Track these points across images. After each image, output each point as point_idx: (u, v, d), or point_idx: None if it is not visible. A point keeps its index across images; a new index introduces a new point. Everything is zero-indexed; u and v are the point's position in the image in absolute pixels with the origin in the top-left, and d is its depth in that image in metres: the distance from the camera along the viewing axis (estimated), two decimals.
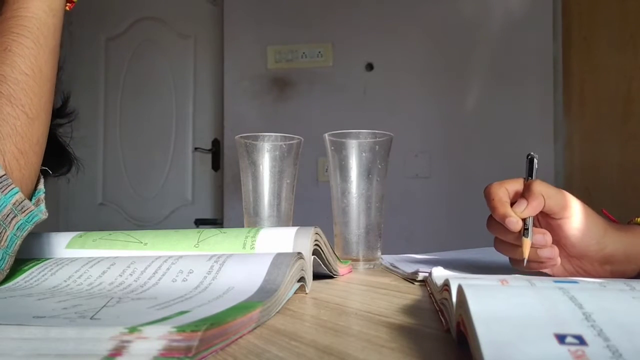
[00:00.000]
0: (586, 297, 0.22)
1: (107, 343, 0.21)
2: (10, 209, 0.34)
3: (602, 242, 0.44)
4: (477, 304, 0.21)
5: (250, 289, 0.34)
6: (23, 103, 0.39)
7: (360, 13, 2.15)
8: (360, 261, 0.66)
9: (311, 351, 0.25)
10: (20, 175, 0.36)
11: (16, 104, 0.38)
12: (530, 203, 0.43)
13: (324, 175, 2.07)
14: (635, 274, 0.45)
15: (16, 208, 0.35)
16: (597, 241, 0.44)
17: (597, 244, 0.44)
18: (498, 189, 0.46)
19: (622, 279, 0.44)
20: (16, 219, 0.35)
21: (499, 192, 0.45)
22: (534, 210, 0.43)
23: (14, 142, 0.37)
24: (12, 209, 0.34)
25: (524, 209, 0.43)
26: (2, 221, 0.34)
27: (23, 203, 0.35)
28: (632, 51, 1.51)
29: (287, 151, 0.69)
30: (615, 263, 0.45)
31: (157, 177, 2.45)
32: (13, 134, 0.37)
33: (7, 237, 0.34)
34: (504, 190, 0.46)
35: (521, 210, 0.43)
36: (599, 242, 0.44)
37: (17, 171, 0.36)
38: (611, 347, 0.18)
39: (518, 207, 0.44)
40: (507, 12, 2.05)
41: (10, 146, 0.36)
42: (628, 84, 1.54)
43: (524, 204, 0.44)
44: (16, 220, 0.35)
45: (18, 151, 0.37)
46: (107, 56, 2.51)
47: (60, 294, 0.32)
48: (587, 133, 1.82)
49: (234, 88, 2.24)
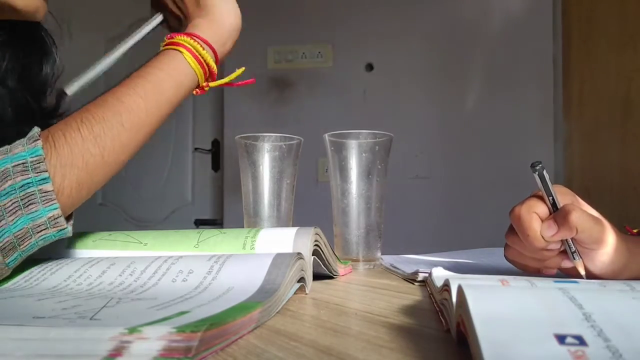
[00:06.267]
0: (586, 297, 0.22)
1: (107, 343, 0.21)
2: (44, 220, 0.36)
3: (620, 273, 0.44)
4: (477, 304, 0.21)
5: (250, 289, 0.34)
6: (105, 146, 0.41)
7: (360, 13, 2.15)
8: (360, 261, 0.66)
9: (311, 351, 0.25)
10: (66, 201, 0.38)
11: (99, 144, 0.40)
12: (561, 231, 0.41)
13: (324, 176, 2.07)
14: None
15: (50, 222, 0.36)
16: (613, 270, 0.43)
17: (613, 272, 0.44)
18: (531, 220, 0.42)
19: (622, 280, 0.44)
20: (45, 231, 0.36)
21: (533, 225, 0.42)
22: (561, 238, 0.42)
23: (78, 174, 0.38)
24: (46, 221, 0.36)
25: (552, 235, 0.42)
26: (32, 229, 0.35)
27: (58, 219, 0.37)
28: (632, 52, 1.51)
29: (287, 151, 0.69)
30: (629, 272, 0.44)
31: (157, 177, 2.45)
32: (82, 168, 0.39)
33: (29, 244, 0.36)
34: (537, 219, 0.43)
35: (548, 236, 0.42)
36: (615, 271, 0.43)
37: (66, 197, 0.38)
38: (611, 347, 0.18)
39: (546, 232, 0.42)
40: (507, 12, 2.05)
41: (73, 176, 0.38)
42: (628, 84, 1.54)
43: (553, 230, 0.42)
44: (45, 232, 0.36)
45: (77, 183, 0.38)
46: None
47: (60, 294, 0.32)
48: (587, 133, 1.82)
49: (234, 88, 2.24)
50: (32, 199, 0.35)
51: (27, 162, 0.35)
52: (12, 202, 0.34)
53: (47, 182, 0.36)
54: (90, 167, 0.40)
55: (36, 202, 0.35)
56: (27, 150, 0.36)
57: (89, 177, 0.40)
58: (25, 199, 0.35)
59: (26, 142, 0.37)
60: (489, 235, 0.48)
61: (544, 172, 0.43)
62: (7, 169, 0.35)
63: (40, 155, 0.36)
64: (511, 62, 2.03)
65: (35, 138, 0.38)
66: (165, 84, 0.48)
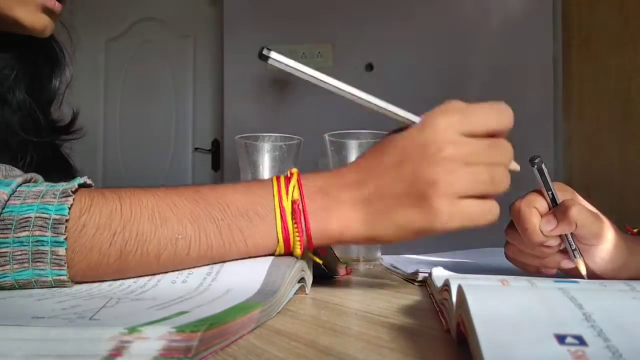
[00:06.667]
0: (586, 297, 0.22)
1: (106, 343, 0.21)
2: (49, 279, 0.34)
3: (620, 271, 0.43)
4: (477, 304, 0.21)
5: (250, 290, 0.34)
6: (131, 251, 0.35)
7: (360, 13, 2.15)
8: (360, 262, 0.66)
9: (311, 351, 0.25)
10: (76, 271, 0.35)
11: (127, 249, 0.35)
12: (560, 226, 0.41)
13: None
14: None
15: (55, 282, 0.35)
16: (612, 268, 0.43)
17: (612, 270, 0.43)
18: (530, 214, 0.42)
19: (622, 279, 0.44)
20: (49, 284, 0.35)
21: (532, 219, 0.42)
22: (560, 232, 0.42)
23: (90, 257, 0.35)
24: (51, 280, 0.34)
25: (551, 230, 0.42)
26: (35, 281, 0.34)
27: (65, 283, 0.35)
28: (632, 51, 1.51)
29: (287, 151, 0.69)
30: (628, 270, 0.44)
31: (157, 177, 2.45)
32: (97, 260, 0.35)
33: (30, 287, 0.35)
34: (536, 213, 0.43)
35: (547, 230, 0.42)
36: (614, 269, 0.43)
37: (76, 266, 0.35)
38: (611, 347, 0.18)
39: (545, 226, 0.42)
40: (507, 12, 2.05)
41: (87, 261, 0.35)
42: (628, 84, 1.54)
43: (552, 224, 0.42)
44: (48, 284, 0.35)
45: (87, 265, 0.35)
46: (107, 57, 2.51)
47: (60, 295, 0.32)
48: (587, 133, 1.82)
49: (234, 88, 2.24)
50: (42, 258, 0.33)
51: (50, 218, 0.33)
52: (22, 253, 0.33)
53: (62, 246, 0.33)
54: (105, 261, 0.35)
55: (45, 262, 0.34)
56: (56, 204, 0.34)
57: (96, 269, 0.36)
58: (35, 255, 0.33)
59: (60, 194, 0.35)
60: (489, 235, 0.48)
61: (543, 166, 0.43)
62: (30, 217, 0.33)
63: (64, 215, 0.34)
64: (511, 62, 2.03)
65: (68, 194, 0.35)
66: (232, 250, 0.37)
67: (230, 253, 0.37)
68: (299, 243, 0.38)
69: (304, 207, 0.37)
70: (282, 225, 0.37)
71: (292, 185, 0.38)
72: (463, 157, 0.36)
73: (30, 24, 0.48)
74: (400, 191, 0.36)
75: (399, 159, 0.37)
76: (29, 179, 0.37)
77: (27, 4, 0.47)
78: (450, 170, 0.35)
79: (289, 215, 0.37)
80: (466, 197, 0.36)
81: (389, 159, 0.38)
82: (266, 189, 0.38)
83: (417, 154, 0.36)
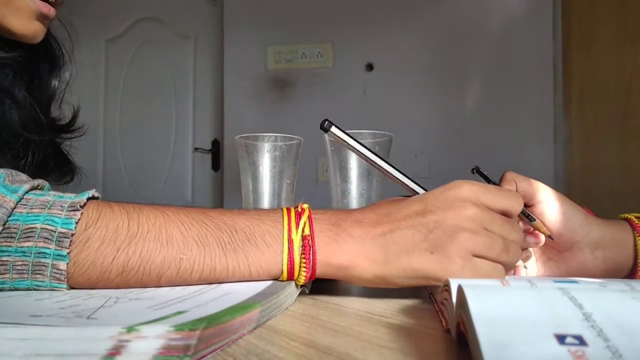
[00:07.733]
0: (586, 297, 0.22)
1: (105, 342, 0.21)
2: (48, 289, 0.34)
3: (587, 225, 0.45)
4: (477, 304, 0.21)
5: (250, 292, 0.34)
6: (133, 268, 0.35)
7: (360, 13, 2.15)
8: None
9: (311, 351, 0.25)
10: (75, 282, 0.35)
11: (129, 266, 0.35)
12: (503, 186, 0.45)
13: (324, 175, 2.07)
14: (630, 265, 0.45)
15: (52, 291, 0.34)
16: (581, 223, 0.45)
17: (581, 226, 0.45)
18: None
19: (622, 279, 0.44)
20: None
21: None
22: None
23: (91, 272, 0.34)
24: (49, 291, 0.34)
25: None
26: (33, 289, 0.34)
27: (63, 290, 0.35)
28: (632, 51, 1.51)
29: (287, 151, 0.69)
30: (606, 247, 0.45)
31: (157, 177, 2.45)
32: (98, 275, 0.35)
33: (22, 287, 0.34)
34: None
35: None
36: (582, 224, 0.45)
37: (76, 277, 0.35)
38: (611, 347, 0.18)
39: None
40: (507, 12, 2.05)
41: (87, 276, 0.34)
42: (628, 84, 1.54)
43: None
44: None
45: (87, 280, 0.35)
46: (107, 57, 2.51)
47: (59, 294, 0.32)
48: (587, 133, 1.82)
49: (234, 88, 2.24)
50: (42, 270, 0.33)
51: (56, 230, 0.33)
52: (23, 264, 0.33)
53: (64, 260, 0.33)
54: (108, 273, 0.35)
55: (45, 275, 0.33)
56: (63, 217, 0.34)
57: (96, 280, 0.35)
58: (35, 267, 0.33)
59: (67, 207, 0.34)
60: None
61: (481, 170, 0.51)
62: (35, 227, 0.33)
63: (70, 229, 0.33)
64: (511, 62, 2.03)
65: (77, 208, 0.34)
66: (235, 274, 0.37)
67: (232, 277, 0.37)
68: (304, 275, 0.38)
69: (313, 243, 0.37)
70: (289, 257, 0.37)
71: (302, 221, 0.38)
72: (484, 222, 0.37)
73: (22, 32, 0.48)
74: (418, 237, 0.37)
75: (423, 208, 0.38)
76: (36, 185, 0.37)
77: (21, 14, 0.47)
78: (472, 230, 0.37)
79: (297, 248, 0.37)
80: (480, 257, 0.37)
81: (410, 207, 0.38)
82: (276, 218, 0.39)
83: (442, 207, 0.38)
